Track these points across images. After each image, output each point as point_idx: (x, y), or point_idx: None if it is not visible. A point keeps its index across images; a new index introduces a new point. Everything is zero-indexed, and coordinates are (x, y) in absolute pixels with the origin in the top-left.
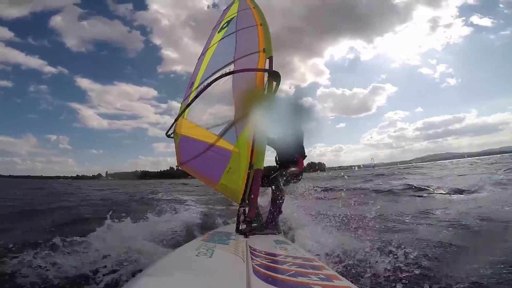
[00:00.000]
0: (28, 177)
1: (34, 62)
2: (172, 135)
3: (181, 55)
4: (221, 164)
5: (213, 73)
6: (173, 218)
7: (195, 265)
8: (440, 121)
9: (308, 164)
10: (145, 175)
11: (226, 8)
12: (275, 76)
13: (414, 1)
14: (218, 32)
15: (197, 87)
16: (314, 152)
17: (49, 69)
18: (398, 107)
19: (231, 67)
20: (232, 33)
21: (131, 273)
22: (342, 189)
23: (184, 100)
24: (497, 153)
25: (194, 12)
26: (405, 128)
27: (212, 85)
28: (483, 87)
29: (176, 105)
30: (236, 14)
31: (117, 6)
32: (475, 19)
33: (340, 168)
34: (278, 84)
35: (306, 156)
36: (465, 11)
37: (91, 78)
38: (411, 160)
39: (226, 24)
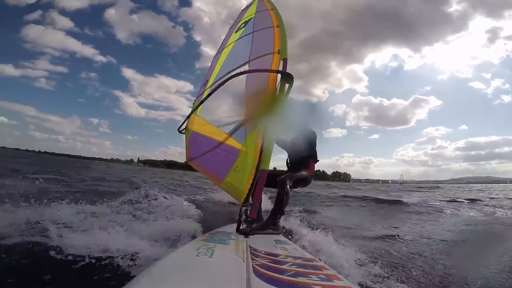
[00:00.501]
0: (68, 155)
1: (88, 51)
2: (183, 131)
3: None
4: (229, 162)
5: (228, 73)
6: None
7: (195, 265)
8: (485, 142)
9: (333, 173)
10: (173, 165)
11: (245, 8)
12: (287, 78)
13: (471, 11)
14: (235, 32)
15: (211, 85)
16: (342, 162)
17: (100, 58)
18: (440, 123)
19: (246, 67)
20: (249, 33)
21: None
22: None
23: (198, 97)
24: None
25: (233, 11)
26: (445, 147)
27: (225, 84)
28: None
29: None
30: (254, 15)
31: (164, 2)
32: None
33: (368, 181)
34: (290, 86)
35: (318, 160)
36: None
37: (135, 69)
38: (446, 180)
39: (243, 24)
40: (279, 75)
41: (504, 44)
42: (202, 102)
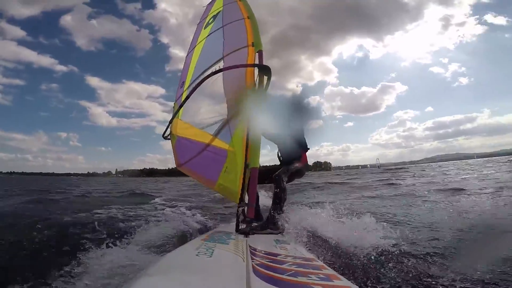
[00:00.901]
0: (40, 173)
1: (45, 60)
2: (168, 137)
3: None
4: (218, 164)
5: (203, 72)
6: None
7: (195, 265)
8: (451, 120)
9: (314, 163)
10: (153, 173)
11: (210, 2)
12: (265, 71)
13: (425, 0)
14: (204, 28)
15: (188, 87)
16: (321, 152)
17: (60, 67)
18: (407, 106)
19: (221, 64)
20: (219, 28)
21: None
22: None
23: (177, 100)
24: (510, 154)
25: (201, 10)
26: (415, 128)
27: (203, 84)
28: (497, 86)
29: None
30: (221, 8)
31: (126, 5)
32: (489, 17)
33: (348, 167)
34: (269, 79)
35: (308, 148)
36: (478, 10)
37: (100, 77)
38: (420, 160)
39: (212, 19)
40: (256, 69)
41: (456, 30)
42: (181, 106)
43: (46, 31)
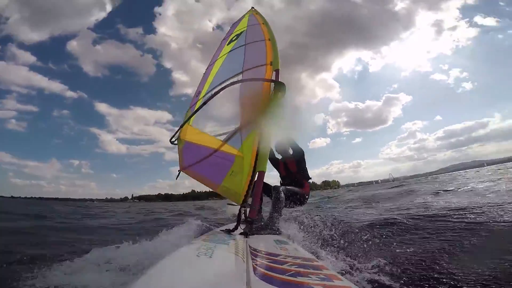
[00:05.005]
0: (56, 199)
1: (56, 86)
2: (175, 142)
3: (190, 77)
4: (224, 168)
5: (221, 83)
6: None
7: (195, 265)
8: (461, 128)
9: (323, 182)
10: (169, 198)
11: (236, 22)
12: (280, 86)
13: (414, 7)
14: (228, 44)
15: (204, 96)
16: (331, 170)
17: (70, 93)
18: (415, 117)
19: (239, 78)
20: (241, 46)
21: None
22: None
23: (191, 107)
24: None
25: (200, 34)
26: (426, 139)
27: (220, 93)
28: (503, 88)
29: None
30: (245, 29)
31: (128, 30)
32: (479, 19)
33: (361, 184)
34: (283, 94)
35: (310, 178)
36: (467, 12)
37: (108, 103)
38: (435, 171)
39: (235, 37)
40: (272, 85)
41: (450, 35)
42: (196, 111)
43: (55, 56)
